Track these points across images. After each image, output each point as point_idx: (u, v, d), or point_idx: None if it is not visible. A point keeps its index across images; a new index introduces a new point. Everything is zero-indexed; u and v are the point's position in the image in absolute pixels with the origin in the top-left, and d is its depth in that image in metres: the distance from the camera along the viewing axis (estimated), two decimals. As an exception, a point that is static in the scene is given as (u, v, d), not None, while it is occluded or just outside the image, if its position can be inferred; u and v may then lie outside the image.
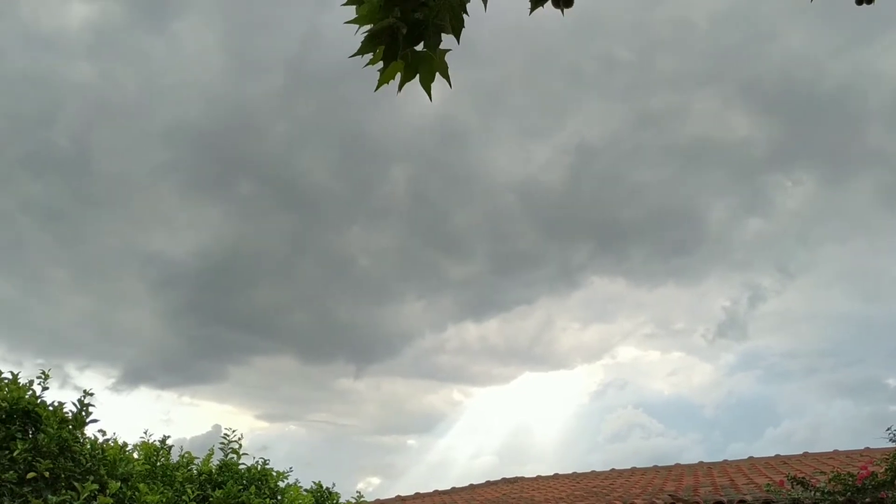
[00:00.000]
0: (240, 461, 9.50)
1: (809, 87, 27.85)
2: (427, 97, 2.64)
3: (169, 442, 9.50)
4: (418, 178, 31.50)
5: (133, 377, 28.59)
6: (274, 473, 9.49)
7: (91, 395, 8.21)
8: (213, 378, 33.53)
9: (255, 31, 29.01)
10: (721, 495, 10.82)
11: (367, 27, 2.50)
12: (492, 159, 32.23)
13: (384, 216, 33.32)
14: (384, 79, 2.61)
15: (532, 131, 32.25)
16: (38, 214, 28.92)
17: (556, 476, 18.50)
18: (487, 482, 18.43)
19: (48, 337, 28.54)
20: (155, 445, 9.17)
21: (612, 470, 18.21)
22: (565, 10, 2.60)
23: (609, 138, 30.81)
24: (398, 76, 2.61)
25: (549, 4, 2.61)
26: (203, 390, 33.89)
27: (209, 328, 31.85)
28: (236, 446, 9.73)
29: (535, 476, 19.02)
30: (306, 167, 30.48)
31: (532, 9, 2.60)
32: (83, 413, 8.13)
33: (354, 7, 2.51)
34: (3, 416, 7.94)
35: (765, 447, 24.90)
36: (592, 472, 18.56)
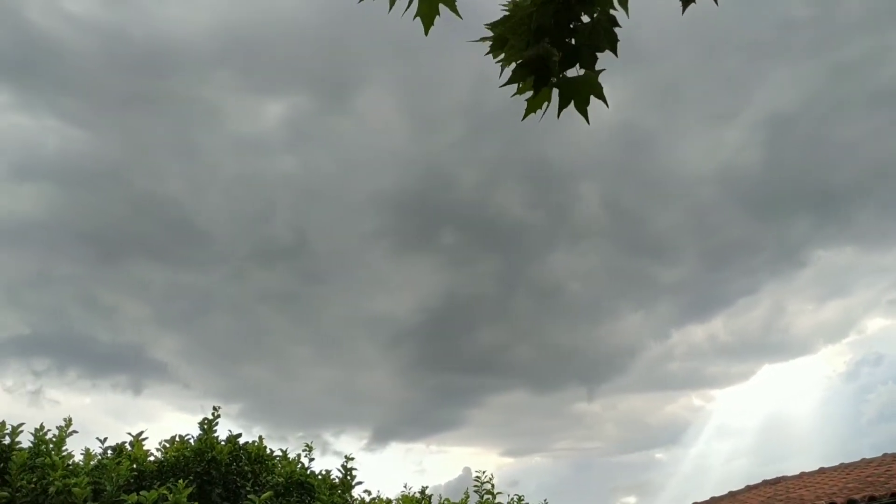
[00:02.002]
0: (496, 501, 9.79)
1: None
2: (592, 112, 2.63)
3: (427, 492, 10.02)
4: (610, 191, 31.19)
5: (383, 435, 30.30)
6: (531, 507, 9.68)
7: (352, 458, 8.91)
8: (454, 423, 34.70)
9: (428, 89, 30.47)
10: None
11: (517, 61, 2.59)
12: (681, 154, 31.23)
13: (584, 236, 33.23)
14: (532, 107, 2.66)
15: (717, 116, 30.94)
16: (273, 301, 31.91)
17: (821, 470, 17.17)
18: (748, 486, 17.48)
19: (302, 410, 31.09)
20: (416, 497, 9.70)
21: (885, 455, 16.59)
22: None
23: (803, 102, 28.85)
24: (545, 104, 2.65)
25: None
26: (448, 437, 35.12)
27: (441, 377, 33.17)
28: (489, 486, 10.06)
29: (798, 473, 17.77)
30: (500, 205, 31.26)
31: (684, 9, 2.56)
32: (349, 477, 8.81)
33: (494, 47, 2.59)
34: (282, 490, 8.78)
35: None
36: (862, 460, 17.00)
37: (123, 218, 31.00)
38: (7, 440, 8.45)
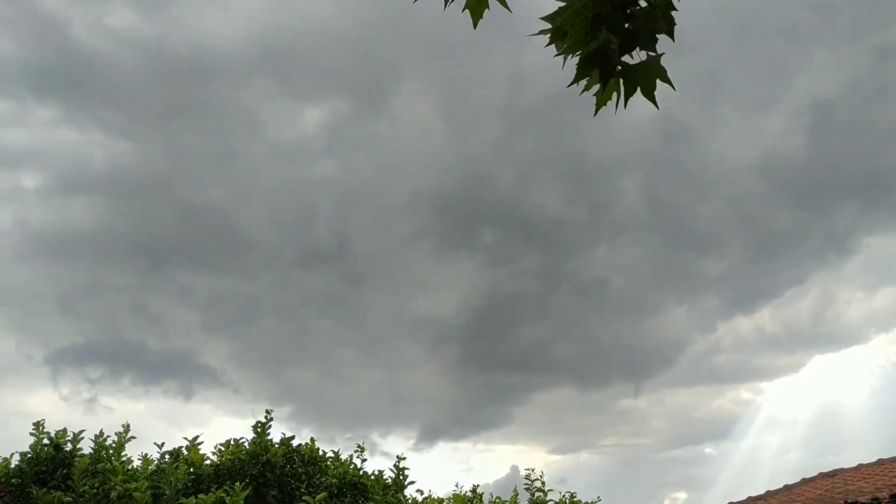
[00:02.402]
0: (547, 498, 9.75)
1: None
2: (640, 106, 2.59)
3: (478, 490, 10.03)
4: (650, 184, 30.90)
5: (430, 434, 30.40)
6: (586, 505, 9.65)
7: (404, 459, 8.94)
8: (500, 421, 34.68)
9: (464, 89, 30.57)
10: None
11: (577, 53, 2.57)
12: (722, 144, 30.83)
13: (625, 230, 32.96)
14: (603, 100, 2.63)
15: (757, 104, 30.45)
16: (318, 304, 32.30)
17: (879, 462, 16.74)
18: (803, 480, 17.12)
19: (350, 411, 31.36)
20: (467, 496, 9.71)
21: (947, 443, 16.11)
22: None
23: (846, 86, 28.24)
24: (614, 94, 2.63)
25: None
26: (494, 435, 35.11)
27: (486, 375, 33.19)
28: (539, 484, 10.03)
29: (855, 465, 17.37)
30: (540, 202, 31.18)
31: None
32: (401, 477, 8.85)
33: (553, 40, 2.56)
34: (335, 492, 8.86)
35: None
36: (923, 449, 16.55)
37: (169, 227, 31.63)
38: (69, 447, 8.67)
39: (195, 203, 31.27)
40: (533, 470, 10.15)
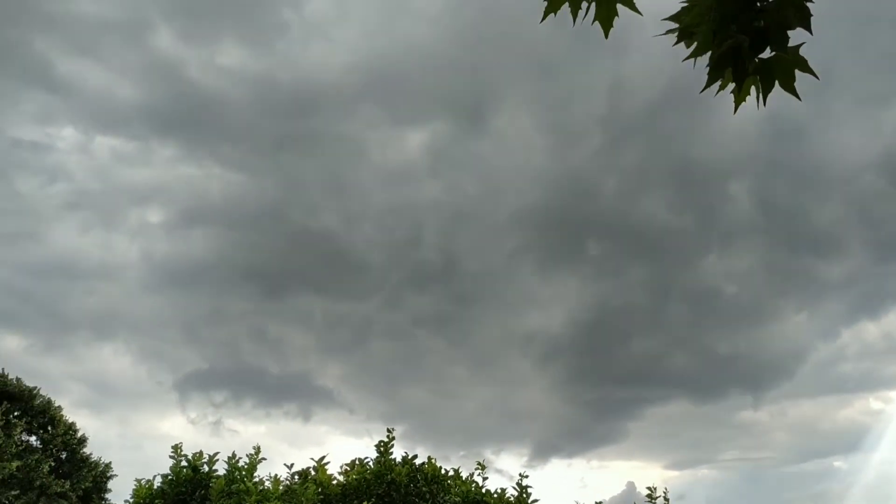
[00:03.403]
0: (674, 516, 9.45)
1: None
2: (745, 107, 2.50)
3: (600, 508, 9.83)
4: (761, 187, 29.72)
5: (542, 451, 30.14)
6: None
7: (526, 476, 8.88)
8: (614, 437, 33.97)
9: (563, 103, 30.51)
10: None
11: (707, 55, 2.50)
12: (837, 142, 29.33)
13: (737, 236, 31.81)
14: (741, 98, 2.55)
15: (875, 98, 28.84)
16: (428, 324, 32.76)
17: None
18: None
19: (462, 429, 31.53)
20: (590, 514, 9.53)
21: None
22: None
23: (970, 74, 26.32)
24: (752, 88, 2.53)
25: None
26: (608, 451, 34.45)
27: (598, 390, 32.64)
28: (662, 501, 9.75)
29: None
30: (646, 212, 30.55)
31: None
32: (524, 495, 8.79)
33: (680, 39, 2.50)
34: (459, 510, 8.85)
35: None
36: None
37: (283, 254, 32.92)
38: (205, 468, 9.09)
39: (308, 229, 32.46)
40: (655, 488, 9.89)
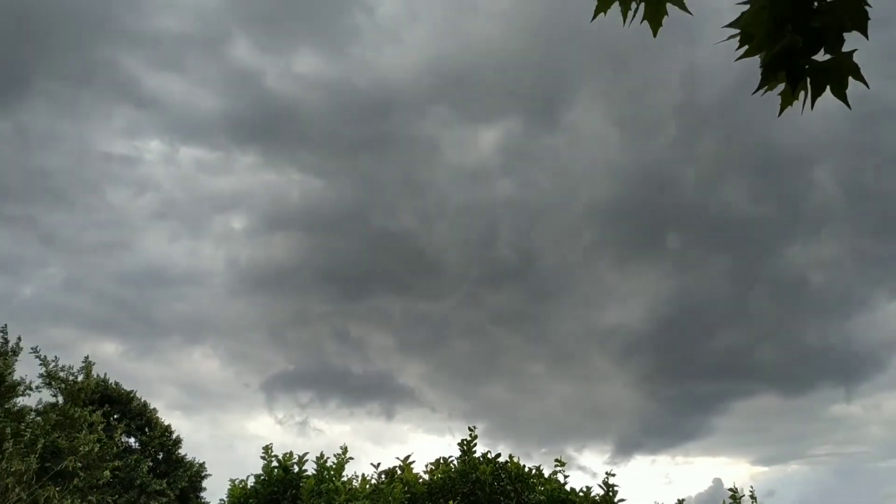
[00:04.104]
0: (766, 513, 9.24)
1: None
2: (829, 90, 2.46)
3: (687, 505, 9.68)
4: (847, 172, 28.60)
5: (625, 448, 29.78)
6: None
7: (613, 475, 8.83)
8: (699, 433, 33.31)
9: (636, 94, 30.03)
10: None
11: (761, 55, 2.47)
12: (926, 121, 27.88)
13: (822, 223, 30.68)
14: (788, 100, 2.52)
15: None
16: (505, 321, 32.83)
17: None
18: None
19: (543, 426, 31.45)
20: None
21: None
22: None
23: None
24: (801, 93, 2.50)
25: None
26: (693, 447, 33.79)
27: (681, 385, 32.03)
28: (749, 498, 9.56)
29: None
30: (726, 202, 29.81)
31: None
32: (611, 493, 8.75)
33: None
34: (544, 508, 8.87)
35: None
36: None
37: (363, 255, 33.53)
38: (295, 468, 9.38)
39: (385, 231, 32.97)
40: (739, 487, 9.70)
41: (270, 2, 31.77)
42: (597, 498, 8.82)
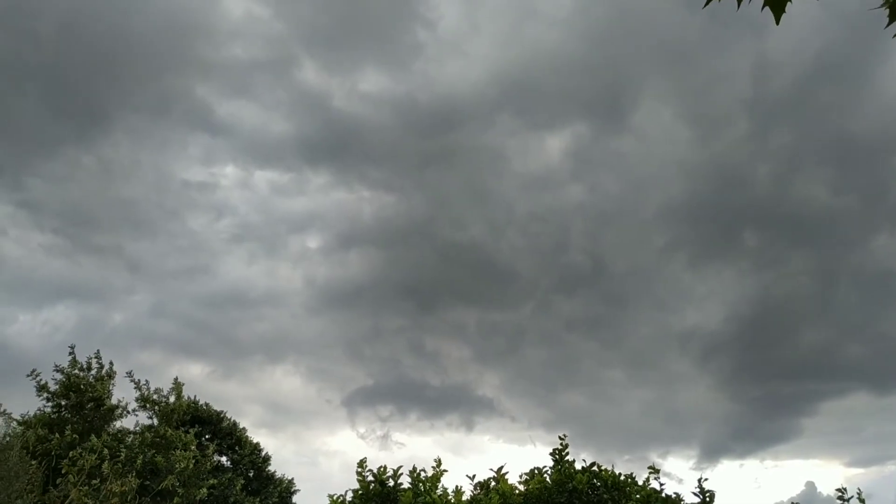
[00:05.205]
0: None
1: None
2: None
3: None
4: (932, 157, 27.40)
5: (711, 453, 29.13)
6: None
7: (706, 480, 8.67)
8: (787, 435, 32.31)
9: (704, 90, 29.51)
10: None
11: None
12: None
13: (912, 210, 29.45)
14: None
15: None
16: (580, 328, 32.56)
17: None
18: None
19: (624, 433, 31.01)
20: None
21: None
22: None
23: None
24: None
25: None
26: (782, 450, 32.77)
27: (765, 386, 31.18)
28: (856, 501, 9.28)
29: None
30: (804, 195, 29.02)
31: None
32: (707, 498, 8.61)
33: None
34: (642, 516, 8.77)
35: None
36: None
37: (435, 268, 33.79)
38: (391, 482, 9.52)
39: (456, 242, 33.16)
40: (844, 488, 9.40)
41: (334, 24, 32.50)
42: (695, 505, 8.68)
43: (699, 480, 9.04)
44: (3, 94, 31.24)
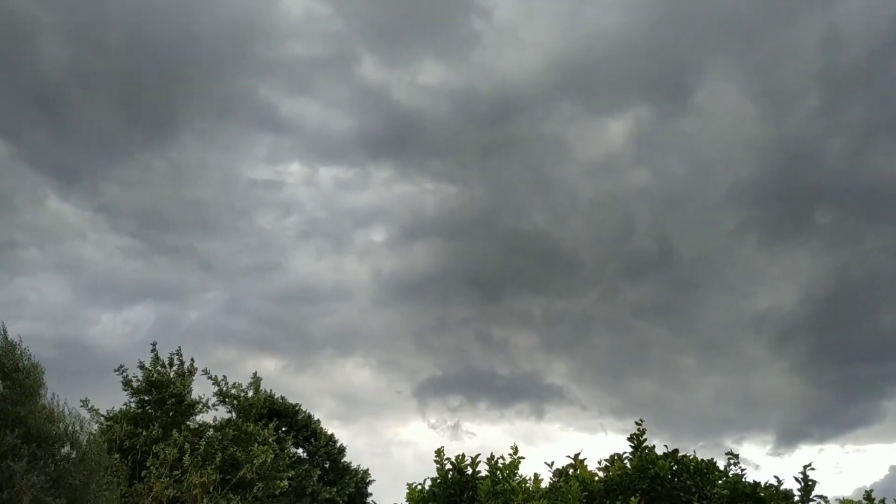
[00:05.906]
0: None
1: None
2: None
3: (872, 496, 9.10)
4: None
5: (788, 438, 28.34)
6: None
7: (812, 469, 8.36)
8: (869, 418, 31.18)
9: (771, 65, 28.60)
10: None
11: None
12: None
13: None
14: None
15: None
16: (649, 314, 32.08)
17: None
18: None
19: (698, 419, 30.43)
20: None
21: None
22: None
23: None
24: None
25: None
26: (864, 434, 31.69)
27: (844, 369, 30.17)
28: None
29: None
30: (879, 169, 27.91)
31: None
32: (808, 484, 8.34)
33: None
34: (726, 501, 8.61)
35: None
36: None
37: (499, 257, 33.76)
38: (469, 471, 9.54)
39: (519, 231, 33.05)
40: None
41: (391, 18, 32.70)
42: (790, 490, 8.42)
43: (804, 467, 8.53)
44: (80, 105, 32.47)
